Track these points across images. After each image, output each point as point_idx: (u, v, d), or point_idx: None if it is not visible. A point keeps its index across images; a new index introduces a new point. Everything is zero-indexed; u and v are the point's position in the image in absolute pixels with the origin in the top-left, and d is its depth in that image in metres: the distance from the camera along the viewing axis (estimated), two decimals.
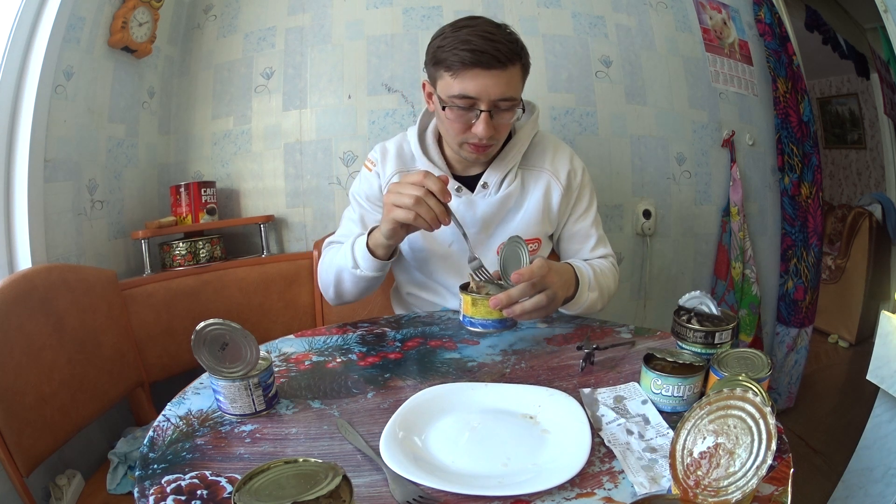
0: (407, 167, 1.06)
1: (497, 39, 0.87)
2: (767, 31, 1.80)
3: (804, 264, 1.89)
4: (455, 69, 0.88)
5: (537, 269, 0.80)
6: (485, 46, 0.85)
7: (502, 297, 0.80)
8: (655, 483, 0.53)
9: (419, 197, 0.82)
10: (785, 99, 1.81)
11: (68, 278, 1.12)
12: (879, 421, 1.17)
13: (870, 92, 3.00)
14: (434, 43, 0.92)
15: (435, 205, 0.83)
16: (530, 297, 0.82)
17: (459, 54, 0.86)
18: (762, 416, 0.45)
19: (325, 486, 0.40)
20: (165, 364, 1.34)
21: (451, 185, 1.01)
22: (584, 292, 0.95)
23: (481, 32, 0.87)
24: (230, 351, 0.66)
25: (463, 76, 0.88)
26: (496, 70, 0.87)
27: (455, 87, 0.89)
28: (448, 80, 0.90)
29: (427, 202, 0.83)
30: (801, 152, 1.83)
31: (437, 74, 0.92)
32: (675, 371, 0.67)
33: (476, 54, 0.86)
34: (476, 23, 0.90)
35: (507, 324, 0.82)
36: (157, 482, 0.56)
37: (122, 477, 1.07)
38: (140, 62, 1.52)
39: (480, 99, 0.89)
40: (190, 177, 1.65)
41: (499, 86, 0.88)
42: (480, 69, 0.87)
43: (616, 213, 1.72)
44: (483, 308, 0.81)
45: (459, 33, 0.88)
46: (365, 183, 1.09)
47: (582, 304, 0.96)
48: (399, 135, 1.12)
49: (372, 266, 0.96)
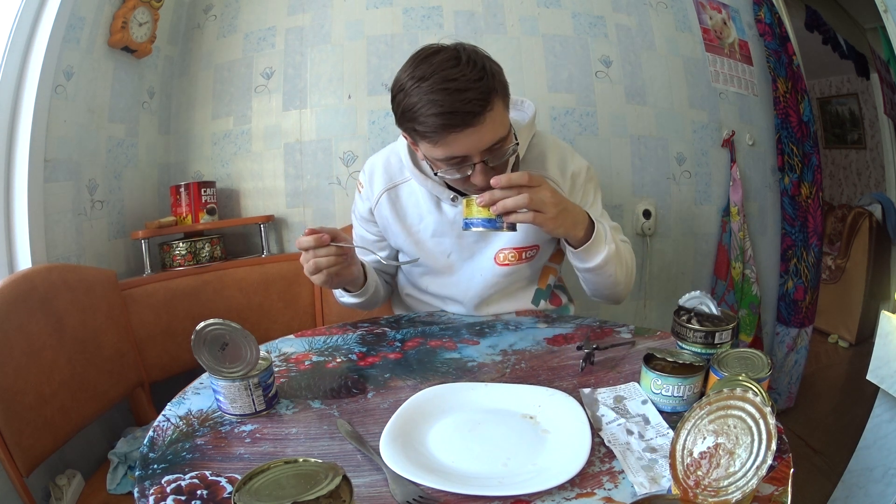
0: (395, 181, 1.04)
1: (463, 87, 0.76)
2: (767, 31, 1.80)
3: (804, 264, 1.89)
4: (431, 138, 0.80)
5: (516, 177, 0.81)
6: (454, 105, 0.76)
7: (486, 195, 0.81)
8: (655, 483, 0.53)
9: (312, 262, 0.84)
10: (785, 99, 1.81)
11: (68, 278, 1.12)
12: (879, 421, 1.17)
13: (870, 92, 3.00)
14: (398, 101, 0.82)
15: (325, 252, 0.84)
16: (514, 197, 0.81)
17: (429, 122, 0.78)
18: (762, 416, 0.45)
19: (325, 486, 0.40)
20: (165, 364, 1.34)
21: (446, 195, 0.98)
22: (600, 238, 0.91)
23: (443, 84, 0.76)
24: (230, 351, 0.66)
25: (443, 143, 0.80)
26: (474, 126, 0.78)
27: (438, 153, 0.82)
28: (428, 146, 0.83)
29: (318, 257, 0.84)
30: (801, 152, 1.83)
31: (414, 139, 0.85)
32: (675, 371, 0.67)
33: (446, 118, 0.77)
34: (434, 66, 0.78)
35: (497, 223, 0.84)
36: (157, 482, 0.56)
37: (122, 477, 1.07)
38: (140, 62, 1.52)
39: (470, 155, 0.82)
40: (190, 177, 1.65)
41: (483, 138, 0.80)
42: (457, 132, 0.78)
43: (616, 213, 1.72)
44: (475, 207, 0.84)
45: (421, 89, 0.77)
46: (358, 203, 1.11)
47: (599, 252, 0.92)
48: (388, 146, 1.09)
49: (348, 296, 1.03)
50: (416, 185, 1.02)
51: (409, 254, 1.07)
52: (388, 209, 1.04)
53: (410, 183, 1.03)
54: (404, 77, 0.81)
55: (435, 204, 1.01)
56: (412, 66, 0.81)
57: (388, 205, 1.04)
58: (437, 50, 0.81)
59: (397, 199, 1.04)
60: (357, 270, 0.95)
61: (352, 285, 0.99)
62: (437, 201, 1.01)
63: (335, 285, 0.96)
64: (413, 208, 1.03)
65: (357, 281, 0.98)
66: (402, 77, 0.81)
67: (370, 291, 1.03)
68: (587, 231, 0.91)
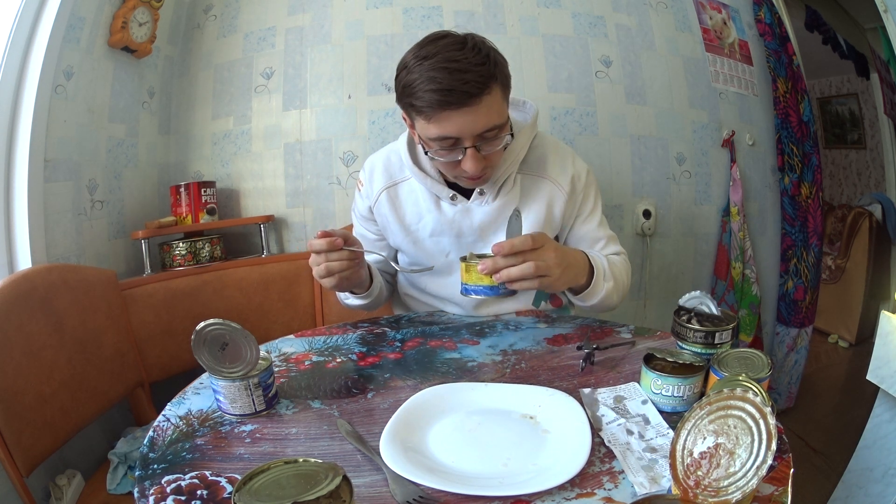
0: (395, 179, 1.04)
1: (464, 68, 0.78)
2: (767, 31, 1.80)
3: (804, 264, 1.89)
4: (426, 113, 0.81)
5: (518, 242, 0.78)
6: (452, 83, 0.77)
7: (489, 263, 0.79)
8: (655, 483, 0.53)
9: (323, 265, 0.84)
10: (785, 99, 1.81)
11: (68, 278, 1.12)
12: (879, 421, 1.17)
13: (870, 92, 3.00)
14: (400, 78, 0.84)
15: (337, 256, 0.83)
16: (517, 265, 0.79)
17: (426, 97, 0.79)
18: (762, 416, 0.45)
19: (325, 486, 0.40)
20: (165, 364, 1.34)
21: (446, 194, 0.98)
22: (599, 281, 0.91)
23: (445, 63, 0.78)
24: (230, 351, 0.66)
25: (437, 119, 0.81)
26: (469, 106, 0.79)
27: (432, 130, 0.83)
28: (423, 122, 0.83)
29: (330, 261, 0.83)
30: (801, 152, 1.83)
31: (411, 116, 0.87)
32: (675, 371, 0.67)
33: (444, 94, 0.78)
34: (438, 48, 0.80)
35: (499, 290, 0.82)
36: (157, 482, 0.56)
37: (122, 477, 1.07)
38: (140, 62, 1.52)
39: (462, 137, 0.83)
40: (190, 177, 1.65)
41: (478, 121, 0.81)
42: (452, 110, 0.79)
43: (616, 213, 1.72)
44: (475, 275, 0.81)
45: (423, 66, 0.79)
46: (358, 202, 1.11)
47: (598, 293, 0.93)
48: (389, 145, 1.09)
49: (354, 298, 1.02)
50: (415, 184, 1.02)
51: (407, 253, 1.07)
52: (387, 207, 1.04)
53: (410, 181, 1.03)
54: (409, 56, 0.83)
55: (434, 203, 1.01)
56: (418, 47, 0.83)
57: (388, 203, 1.04)
58: (445, 34, 0.83)
59: (397, 198, 1.04)
60: (365, 273, 0.95)
61: (359, 287, 0.98)
62: (436, 200, 1.01)
63: (344, 288, 0.95)
64: (412, 207, 1.03)
65: (364, 283, 0.97)
66: (408, 56, 0.84)
67: (375, 293, 1.03)
68: (588, 276, 0.91)
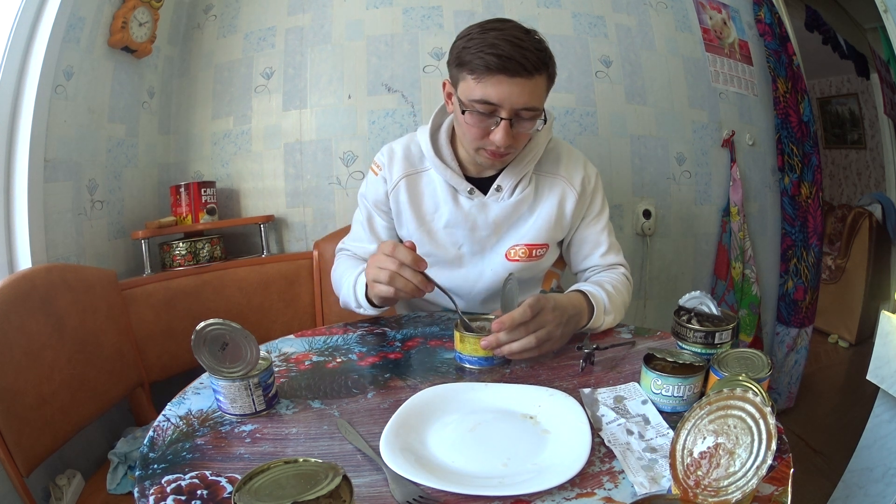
0: (415, 168, 1.05)
1: (525, 46, 0.83)
2: (767, 31, 1.80)
3: (804, 264, 1.89)
4: (478, 73, 0.84)
5: (518, 316, 0.78)
6: (512, 52, 0.82)
7: (491, 340, 0.79)
8: (655, 483, 0.53)
9: (393, 272, 0.82)
10: (785, 99, 1.81)
11: (68, 278, 1.12)
12: (879, 421, 1.17)
13: (870, 92, 3.00)
14: (459, 43, 0.88)
15: (412, 275, 0.82)
16: (519, 339, 0.79)
17: (485, 58, 0.83)
18: (762, 416, 0.45)
19: (325, 486, 0.40)
20: (165, 364, 1.34)
21: (464, 187, 1.00)
22: (599, 317, 0.92)
23: (509, 37, 0.83)
24: (230, 351, 0.66)
25: (486, 81, 0.84)
26: (521, 78, 0.84)
27: (477, 92, 0.86)
28: (470, 83, 0.86)
29: (403, 275, 0.82)
30: (801, 152, 1.83)
31: (460, 76, 0.89)
32: (675, 371, 0.67)
33: (502, 59, 0.82)
34: (505, 26, 0.86)
35: (495, 361, 0.82)
36: (157, 482, 0.56)
37: (122, 477, 1.07)
38: (140, 62, 1.52)
39: (502, 106, 0.86)
40: (190, 177, 1.65)
41: (523, 94, 0.85)
42: (505, 76, 0.83)
43: (616, 213, 1.72)
44: (470, 346, 0.81)
45: (487, 36, 0.84)
46: (371, 187, 1.08)
47: (597, 328, 0.93)
48: (407, 135, 1.10)
49: (372, 309, 0.97)
50: (434, 176, 1.03)
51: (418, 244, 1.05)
52: (404, 195, 1.04)
53: (429, 173, 1.04)
54: (474, 28, 0.88)
55: (452, 195, 1.02)
56: (484, 23, 0.88)
57: (406, 191, 1.04)
58: (510, 20, 0.89)
59: (415, 187, 1.05)
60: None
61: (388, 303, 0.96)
62: (453, 193, 1.02)
63: (385, 303, 0.93)
64: (430, 198, 1.04)
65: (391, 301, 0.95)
66: (472, 28, 0.88)
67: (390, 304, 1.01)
68: (588, 315, 0.91)
